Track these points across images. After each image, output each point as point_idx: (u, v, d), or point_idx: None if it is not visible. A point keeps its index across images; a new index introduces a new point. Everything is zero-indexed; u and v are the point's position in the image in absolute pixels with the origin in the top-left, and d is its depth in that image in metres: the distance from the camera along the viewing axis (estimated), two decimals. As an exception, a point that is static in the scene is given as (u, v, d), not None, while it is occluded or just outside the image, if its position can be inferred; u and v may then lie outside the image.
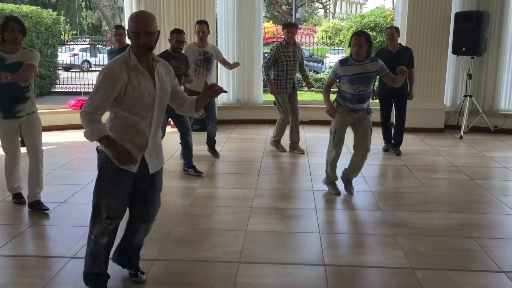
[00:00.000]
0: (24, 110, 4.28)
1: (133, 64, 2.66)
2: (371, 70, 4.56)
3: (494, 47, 8.26)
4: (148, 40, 2.62)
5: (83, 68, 20.47)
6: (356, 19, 14.41)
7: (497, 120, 8.33)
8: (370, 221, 4.30)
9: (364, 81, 4.57)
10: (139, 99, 2.69)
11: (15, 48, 4.13)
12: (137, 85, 2.67)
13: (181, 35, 5.36)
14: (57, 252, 3.55)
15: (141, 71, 2.69)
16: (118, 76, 2.62)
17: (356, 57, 4.52)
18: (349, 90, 4.61)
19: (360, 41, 4.45)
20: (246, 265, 3.39)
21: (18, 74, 4.05)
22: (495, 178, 5.77)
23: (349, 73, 4.56)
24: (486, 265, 3.42)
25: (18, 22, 4.12)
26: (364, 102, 4.68)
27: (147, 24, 2.63)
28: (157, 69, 2.76)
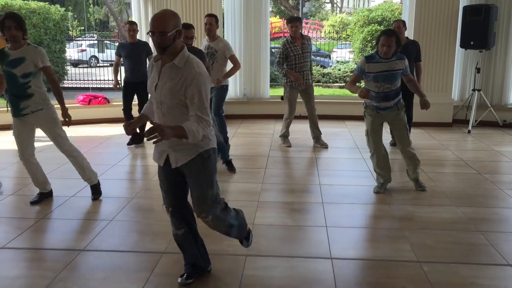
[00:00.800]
0: (29, 107, 4.26)
1: (155, 60, 2.83)
2: (396, 68, 4.49)
3: (502, 41, 8.20)
4: (161, 39, 2.64)
5: (91, 64, 20.58)
6: (364, 13, 14.38)
7: (506, 114, 8.29)
8: (377, 215, 4.31)
9: (389, 79, 4.49)
10: (150, 92, 2.85)
11: (18, 45, 4.18)
12: (150, 79, 2.83)
13: (190, 31, 5.18)
14: (67, 245, 3.60)
15: (156, 67, 2.81)
16: (149, 67, 2.90)
17: (384, 56, 4.46)
18: (373, 88, 4.54)
19: (390, 41, 4.37)
20: (254, 258, 3.42)
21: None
22: (503, 172, 5.76)
23: (374, 71, 4.49)
24: (493, 259, 3.43)
25: (14, 19, 4.11)
26: (391, 100, 4.58)
27: (161, 24, 2.63)
28: (167, 69, 2.73)
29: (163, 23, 2.63)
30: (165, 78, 2.73)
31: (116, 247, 3.59)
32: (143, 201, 4.59)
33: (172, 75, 2.71)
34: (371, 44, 13.11)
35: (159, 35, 2.63)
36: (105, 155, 6.44)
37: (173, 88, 2.69)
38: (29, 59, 4.18)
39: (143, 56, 6.75)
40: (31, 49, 4.23)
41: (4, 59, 4.19)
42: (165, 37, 2.64)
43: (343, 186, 5.08)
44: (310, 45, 6.59)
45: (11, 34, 4.09)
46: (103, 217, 4.14)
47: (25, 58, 4.17)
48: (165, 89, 2.72)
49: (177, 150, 2.82)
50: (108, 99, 8.87)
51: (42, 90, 4.33)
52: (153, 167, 5.83)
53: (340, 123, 8.55)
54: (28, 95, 4.24)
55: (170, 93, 2.70)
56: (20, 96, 4.24)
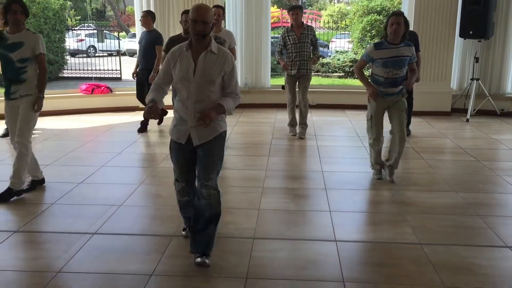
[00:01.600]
0: (19, 91, 4.27)
1: (184, 49, 3.13)
2: (405, 54, 4.58)
3: (501, 31, 8.29)
4: (203, 28, 3.01)
5: (89, 54, 20.56)
6: (363, 3, 14.41)
7: (504, 103, 8.41)
8: (379, 201, 4.44)
9: (398, 64, 4.57)
10: (181, 77, 3.11)
11: (18, 29, 4.22)
12: (179, 66, 3.10)
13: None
14: (79, 229, 3.71)
15: (187, 55, 3.11)
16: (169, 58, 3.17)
17: (394, 37, 4.52)
18: (382, 74, 4.60)
19: (399, 20, 4.46)
20: (260, 241, 3.54)
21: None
22: (500, 160, 5.88)
23: (384, 56, 4.56)
24: (491, 241, 3.56)
25: (20, 3, 4.19)
26: (397, 86, 4.66)
27: (204, 14, 3.03)
28: (205, 56, 3.08)
29: (205, 14, 3.04)
30: (204, 63, 3.08)
31: (127, 231, 3.70)
32: (150, 187, 4.70)
33: (211, 60, 3.09)
34: (370, 34, 13.18)
35: (202, 23, 3.02)
36: (110, 143, 6.53)
37: (213, 72, 3.09)
38: (27, 44, 4.22)
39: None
40: (30, 34, 4.27)
41: (2, 42, 4.20)
42: (207, 26, 3.04)
43: (344, 172, 5.19)
44: (310, 34, 6.57)
45: (15, 17, 4.15)
46: (112, 202, 4.24)
47: (24, 43, 4.21)
48: (205, 73, 3.07)
49: (199, 129, 3.10)
50: (111, 88, 8.93)
51: (35, 78, 4.34)
52: (159, 154, 5.94)
53: (340, 112, 8.66)
54: (22, 80, 4.26)
55: (210, 76, 3.08)
56: (13, 80, 4.27)
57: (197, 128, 3.10)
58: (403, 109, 4.75)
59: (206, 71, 3.08)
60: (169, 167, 5.29)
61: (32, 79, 4.32)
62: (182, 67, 3.10)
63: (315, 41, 6.74)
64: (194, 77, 3.07)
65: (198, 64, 3.07)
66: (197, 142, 3.14)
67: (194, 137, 3.14)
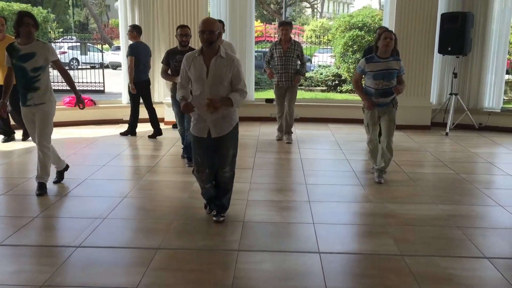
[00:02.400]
0: (33, 99, 4.63)
1: (196, 56, 3.74)
2: (393, 67, 4.98)
3: (478, 47, 8.54)
4: (210, 36, 3.64)
5: (72, 66, 20.45)
6: (345, 18, 14.68)
7: (482, 117, 8.62)
8: (361, 213, 4.51)
9: (387, 77, 4.96)
10: (195, 78, 3.73)
11: (29, 40, 4.53)
12: (193, 70, 3.72)
13: (184, 29, 5.70)
14: (64, 242, 3.70)
15: (199, 60, 3.72)
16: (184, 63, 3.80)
17: (385, 51, 4.94)
18: (373, 85, 5.01)
19: (392, 35, 4.91)
20: (245, 253, 3.57)
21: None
22: (479, 173, 6.02)
23: (374, 69, 4.97)
24: (471, 252, 3.65)
25: (32, 17, 4.54)
26: (388, 96, 5.04)
27: (211, 25, 3.66)
28: (216, 60, 3.69)
29: (212, 25, 3.66)
30: (215, 66, 3.69)
31: (111, 244, 3.70)
32: (135, 200, 4.70)
33: (221, 64, 3.71)
34: (352, 49, 13.40)
35: (209, 32, 3.62)
36: (94, 156, 6.51)
37: (223, 73, 3.70)
38: (39, 54, 4.54)
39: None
40: (40, 44, 4.60)
41: (15, 53, 4.52)
42: (213, 34, 3.65)
43: (328, 185, 5.27)
44: (297, 50, 6.96)
45: (28, 30, 4.48)
46: (97, 215, 4.24)
47: (36, 53, 4.53)
48: (217, 74, 3.68)
49: (217, 125, 3.79)
50: (95, 101, 8.91)
51: (48, 85, 4.70)
52: (143, 167, 5.94)
53: (323, 125, 8.77)
54: (35, 88, 4.60)
55: (220, 76, 3.70)
56: (28, 88, 4.59)
57: (214, 123, 3.76)
58: (392, 119, 5.14)
59: (217, 73, 3.69)
60: (154, 179, 5.36)
61: (45, 87, 4.66)
62: (196, 70, 3.71)
63: (302, 57, 7.08)
64: (207, 78, 3.69)
65: (210, 67, 3.68)
66: (215, 135, 3.80)
67: (213, 131, 3.80)
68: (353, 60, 13.29)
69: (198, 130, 3.84)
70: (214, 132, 3.81)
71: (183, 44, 5.70)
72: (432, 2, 8.21)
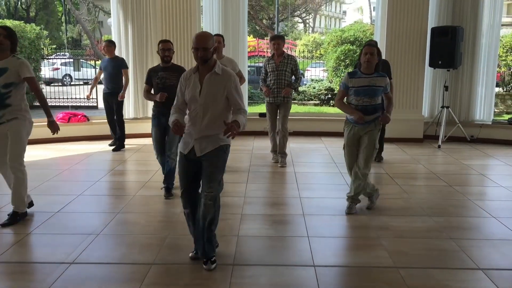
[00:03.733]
0: (4, 116, 4.32)
1: (193, 72, 3.54)
2: (377, 84, 4.60)
3: (468, 60, 8.65)
4: (204, 54, 3.39)
5: (65, 83, 20.44)
6: (337, 33, 14.81)
7: (473, 130, 8.70)
8: (355, 225, 4.51)
9: (370, 94, 4.59)
10: (190, 98, 3.49)
11: (4, 55, 4.28)
12: (188, 88, 3.51)
13: (166, 43, 5.34)
14: (57, 258, 3.66)
15: (195, 78, 3.51)
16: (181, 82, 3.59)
17: (367, 67, 4.60)
18: (354, 101, 4.66)
19: (373, 50, 4.58)
20: (240, 267, 3.56)
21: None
22: (472, 185, 6.06)
23: (356, 85, 4.63)
24: (465, 263, 3.66)
25: (5, 28, 4.28)
26: (369, 114, 4.63)
27: (204, 42, 3.39)
28: (210, 77, 3.46)
29: (205, 41, 3.39)
30: (208, 84, 3.46)
31: (105, 260, 3.68)
32: (128, 216, 4.68)
33: (215, 81, 3.46)
34: (344, 63, 13.52)
35: (203, 50, 3.37)
36: (87, 171, 6.49)
37: (217, 91, 3.46)
38: (12, 69, 4.27)
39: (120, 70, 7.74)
40: (14, 60, 4.32)
41: None
42: (207, 52, 3.39)
43: (322, 198, 5.28)
44: (290, 63, 6.70)
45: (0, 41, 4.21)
46: (90, 231, 4.21)
47: (8, 68, 4.26)
48: (210, 93, 3.45)
49: (202, 142, 3.49)
50: (88, 117, 8.91)
51: (20, 102, 4.39)
52: (137, 182, 5.93)
53: (317, 139, 8.81)
54: (6, 105, 4.30)
55: (214, 95, 3.46)
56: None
57: (200, 141, 3.48)
58: (372, 143, 4.68)
59: (210, 91, 3.45)
60: (147, 195, 5.34)
61: (17, 104, 4.35)
62: (191, 88, 3.50)
63: (296, 71, 6.78)
64: (200, 96, 3.45)
65: (204, 85, 3.46)
66: (199, 153, 3.49)
67: (196, 148, 3.49)
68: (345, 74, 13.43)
69: (183, 145, 3.57)
70: (198, 150, 3.48)
71: (165, 60, 5.33)
72: (422, 16, 8.33)
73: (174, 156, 5.30)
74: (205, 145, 3.49)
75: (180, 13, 8.32)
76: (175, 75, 5.25)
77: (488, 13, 8.52)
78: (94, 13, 36.82)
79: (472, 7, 8.50)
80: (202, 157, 3.50)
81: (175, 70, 5.34)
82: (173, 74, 5.26)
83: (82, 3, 34.09)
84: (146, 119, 8.79)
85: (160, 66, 5.37)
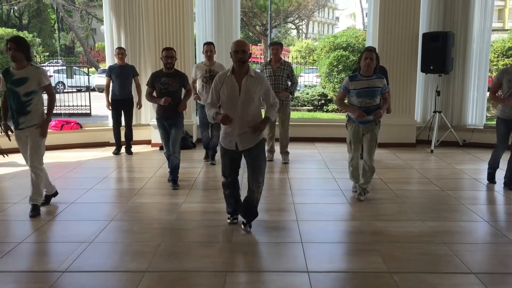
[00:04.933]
0: (25, 122, 4.68)
1: (228, 75, 4.09)
2: (376, 85, 5.05)
3: (460, 65, 8.72)
4: (242, 56, 4.01)
5: (58, 90, 20.36)
6: (329, 39, 14.88)
7: (465, 134, 8.75)
8: (349, 231, 4.52)
9: (370, 94, 5.03)
10: (228, 97, 4.07)
11: (21, 65, 4.58)
12: (226, 88, 4.07)
13: (170, 51, 5.73)
14: (50, 267, 3.64)
15: (231, 79, 4.07)
16: (216, 82, 4.15)
17: (366, 71, 5.03)
18: (356, 103, 5.07)
19: (372, 55, 4.99)
20: (234, 274, 3.55)
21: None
22: (464, 189, 6.09)
23: (357, 87, 5.05)
24: (458, 268, 3.67)
25: (14, 41, 4.55)
26: (371, 114, 5.07)
27: (243, 45, 4.06)
28: (247, 79, 4.05)
29: (244, 45, 4.07)
30: (246, 86, 4.05)
31: (98, 268, 3.66)
32: (121, 223, 4.66)
33: (252, 83, 4.07)
34: (337, 69, 13.57)
35: (242, 52, 3.99)
36: (80, 179, 6.46)
37: (254, 91, 4.06)
38: (32, 78, 4.58)
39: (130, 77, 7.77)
40: (33, 69, 4.64)
41: (9, 77, 4.57)
42: (246, 54, 4.02)
43: (315, 204, 5.28)
44: (287, 70, 7.07)
45: (12, 54, 4.52)
46: (83, 239, 4.19)
47: (28, 78, 4.57)
48: (248, 93, 4.04)
49: (243, 138, 4.11)
50: (81, 124, 8.88)
51: (40, 108, 4.73)
52: (130, 190, 5.90)
53: (310, 144, 8.83)
54: (27, 112, 4.64)
55: (251, 94, 4.05)
56: (20, 112, 4.63)
57: (241, 137, 4.09)
58: (375, 139, 5.22)
59: (248, 91, 4.04)
60: (141, 202, 5.32)
61: (37, 110, 4.71)
62: (229, 88, 4.06)
63: (293, 76, 7.20)
64: (240, 96, 4.03)
65: (242, 86, 4.04)
66: (241, 148, 4.13)
67: (239, 144, 4.12)
68: (338, 79, 13.44)
69: (227, 143, 4.18)
70: (240, 145, 4.12)
71: (168, 67, 5.73)
72: (414, 22, 8.40)
73: (177, 154, 5.86)
74: (246, 140, 4.11)
75: (172, 19, 8.34)
76: (176, 81, 5.82)
77: (479, 18, 8.60)
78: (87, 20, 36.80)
79: (462, 12, 8.59)
80: (244, 152, 4.16)
81: (177, 76, 5.86)
82: (175, 80, 5.82)
83: (75, 11, 34.05)
84: (140, 126, 8.80)
85: (163, 72, 5.78)
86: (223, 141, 4.22)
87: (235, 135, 4.10)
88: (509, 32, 15.93)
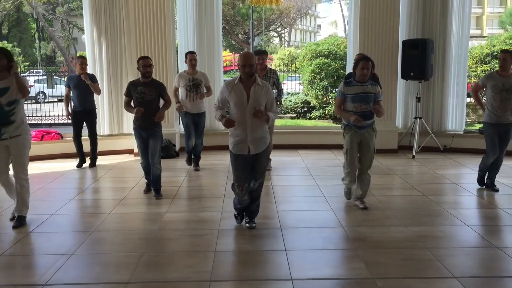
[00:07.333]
0: (8, 133, 4.59)
1: (236, 83, 4.33)
2: (370, 91, 5.14)
3: (439, 72, 8.85)
4: (250, 69, 4.27)
5: (38, 100, 20.12)
6: (311, 47, 14.96)
7: (446, 140, 8.86)
8: (332, 237, 4.53)
9: (365, 100, 5.11)
10: (236, 103, 4.32)
11: (4, 75, 4.51)
12: (234, 96, 4.31)
13: (147, 60, 5.63)
14: (29, 280, 3.58)
15: (239, 87, 4.32)
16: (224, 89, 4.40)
17: (363, 79, 5.11)
18: (352, 108, 5.14)
19: (368, 65, 5.09)
20: (217, 283, 3.53)
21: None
22: (446, 194, 6.16)
23: (352, 92, 5.12)
24: (440, 272, 3.70)
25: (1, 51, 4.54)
26: (367, 119, 5.17)
27: (250, 59, 4.28)
28: (255, 87, 4.30)
29: (251, 59, 4.28)
30: (254, 94, 4.30)
31: (79, 280, 3.60)
32: (102, 234, 4.60)
33: (260, 90, 4.34)
34: (319, 76, 13.65)
35: (249, 66, 4.24)
36: (60, 190, 6.37)
37: (261, 98, 4.34)
38: (13, 87, 4.50)
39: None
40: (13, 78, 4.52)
41: None
42: (252, 67, 4.27)
43: (299, 211, 5.29)
44: (273, 78, 7.11)
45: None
46: (64, 251, 4.12)
47: (10, 87, 4.50)
48: (257, 100, 4.31)
49: (255, 143, 4.39)
50: (61, 134, 8.77)
51: (22, 118, 4.67)
52: (111, 200, 5.84)
53: (293, 152, 8.85)
54: (10, 122, 4.56)
55: (259, 102, 4.33)
56: (3, 123, 4.54)
57: (254, 142, 4.37)
58: (371, 147, 5.29)
59: (256, 99, 4.31)
60: (123, 212, 5.27)
61: (20, 120, 4.64)
62: (237, 96, 4.30)
63: (278, 84, 7.23)
64: (248, 103, 4.28)
65: (251, 94, 4.29)
66: (254, 152, 4.39)
67: (252, 148, 4.39)
68: (321, 87, 13.52)
69: (240, 148, 4.39)
70: (253, 150, 4.38)
71: (146, 76, 5.58)
72: (394, 30, 8.51)
73: (158, 165, 5.78)
74: (258, 145, 4.41)
75: (154, 28, 8.31)
76: (153, 90, 5.70)
77: (457, 25, 8.75)
78: (68, 29, 36.47)
79: (441, 20, 8.73)
80: (254, 156, 4.41)
81: (154, 86, 5.72)
82: (152, 89, 5.68)
83: (55, 20, 33.76)
84: (121, 135, 8.73)
85: (140, 81, 5.63)
86: (235, 148, 4.41)
87: (248, 139, 4.35)
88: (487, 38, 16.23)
